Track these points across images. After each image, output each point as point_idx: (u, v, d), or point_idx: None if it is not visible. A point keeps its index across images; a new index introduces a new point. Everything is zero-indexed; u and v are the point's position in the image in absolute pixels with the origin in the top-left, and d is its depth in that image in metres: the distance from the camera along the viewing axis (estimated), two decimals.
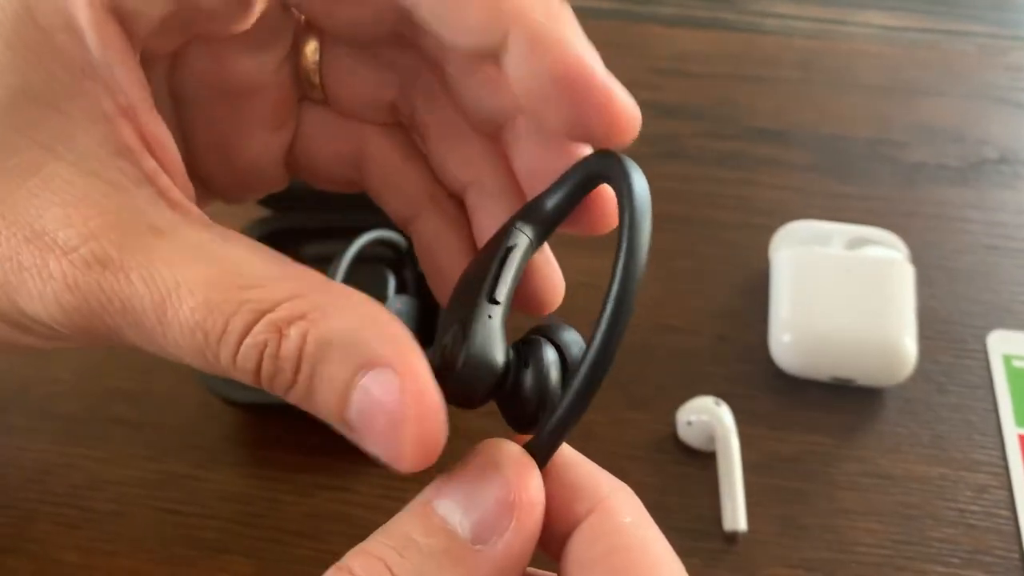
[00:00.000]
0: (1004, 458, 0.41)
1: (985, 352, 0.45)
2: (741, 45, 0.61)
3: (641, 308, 0.48)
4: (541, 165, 0.23)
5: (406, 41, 0.24)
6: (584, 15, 0.21)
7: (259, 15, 0.23)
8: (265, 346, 0.19)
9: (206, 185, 0.26)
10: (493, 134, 0.24)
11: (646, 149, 0.54)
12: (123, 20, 0.20)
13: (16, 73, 0.20)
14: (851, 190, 0.52)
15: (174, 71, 0.23)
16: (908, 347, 0.42)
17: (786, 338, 0.42)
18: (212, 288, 0.19)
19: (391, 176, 0.26)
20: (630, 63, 0.59)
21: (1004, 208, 0.52)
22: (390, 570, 0.18)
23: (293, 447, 0.41)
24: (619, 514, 0.20)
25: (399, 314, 0.42)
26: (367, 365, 0.19)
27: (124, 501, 0.40)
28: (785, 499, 0.40)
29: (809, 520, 0.39)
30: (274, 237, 0.46)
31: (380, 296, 0.43)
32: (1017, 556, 0.38)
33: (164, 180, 0.20)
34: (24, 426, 0.42)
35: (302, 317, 0.19)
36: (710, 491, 0.40)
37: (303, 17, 0.25)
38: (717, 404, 0.41)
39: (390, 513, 0.41)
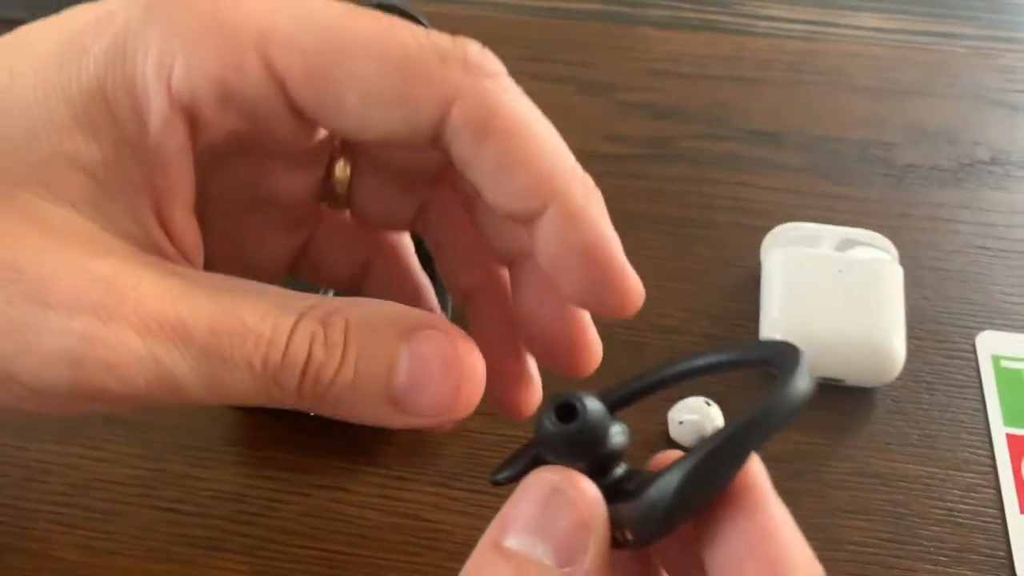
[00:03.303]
0: (992, 457, 0.42)
1: (974, 352, 0.45)
2: (733, 47, 0.61)
3: None
4: (541, 310, 0.25)
5: (441, 179, 0.25)
6: (577, 17, 0.22)
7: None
8: (314, 336, 0.20)
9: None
10: (502, 262, 0.26)
11: (639, 151, 0.54)
12: (192, 123, 0.21)
13: (62, 134, 0.20)
14: (844, 191, 0.53)
15: (211, 173, 0.24)
16: (897, 347, 0.42)
17: (776, 338, 0.43)
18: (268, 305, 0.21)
19: (393, 281, 0.28)
20: (623, 65, 0.59)
21: (996, 209, 0.52)
22: None
23: (290, 447, 0.42)
24: (774, 505, 0.20)
25: None
26: (412, 329, 0.21)
27: (122, 500, 0.40)
28: None
29: (799, 519, 0.39)
30: None
31: None
32: (1004, 554, 0.39)
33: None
34: (23, 425, 0.42)
35: (336, 312, 0.20)
36: None
37: (339, 141, 0.26)
38: (708, 404, 0.41)
39: (386, 512, 0.41)
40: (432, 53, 0.20)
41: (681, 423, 0.41)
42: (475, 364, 0.21)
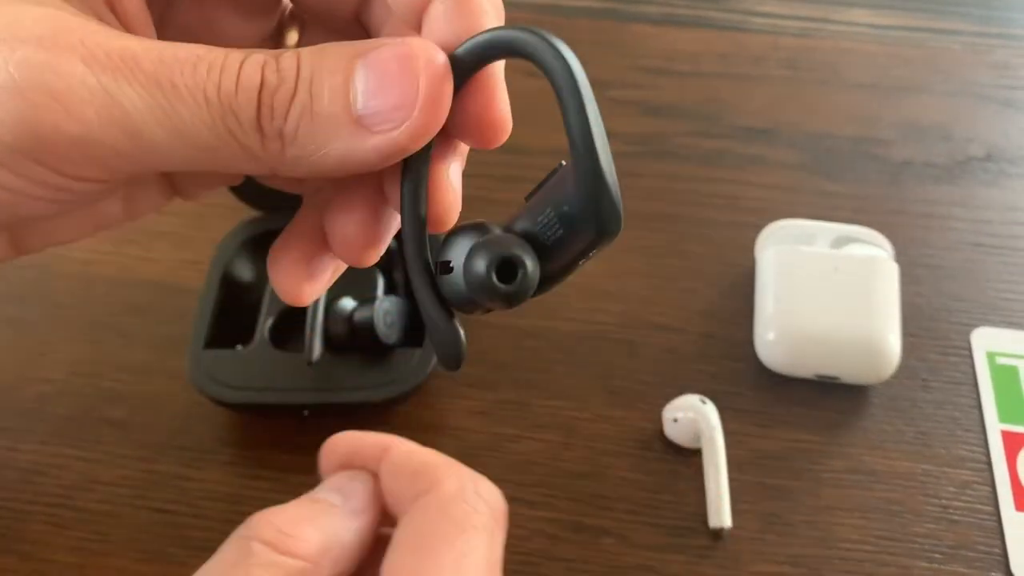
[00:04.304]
0: (987, 454, 0.41)
1: (969, 349, 0.45)
2: (728, 44, 0.61)
3: (628, 306, 0.49)
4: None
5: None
6: (572, 15, 0.22)
7: None
8: (265, 63, 0.20)
9: None
10: None
11: (634, 148, 0.54)
12: None
13: None
14: (838, 188, 0.53)
15: (160, 24, 0.24)
16: (892, 345, 0.42)
17: (771, 336, 0.43)
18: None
19: None
20: (617, 63, 0.59)
21: (990, 206, 0.52)
22: None
23: (282, 447, 0.42)
24: (446, 494, 0.24)
25: (387, 314, 0.42)
26: (366, 47, 0.20)
27: (115, 501, 0.40)
28: (770, 496, 0.40)
29: (794, 517, 0.40)
30: (263, 238, 0.47)
31: (369, 296, 0.43)
32: (999, 551, 0.38)
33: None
34: (16, 427, 0.42)
35: (286, 50, 0.20)
36: (696, 488, 0.40)
37: (290, 7, 0.26)
38: (703, 402, 0.41)
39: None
40: None
41: (676, 420, 0.41)
42: (433, 55, 0.20)
